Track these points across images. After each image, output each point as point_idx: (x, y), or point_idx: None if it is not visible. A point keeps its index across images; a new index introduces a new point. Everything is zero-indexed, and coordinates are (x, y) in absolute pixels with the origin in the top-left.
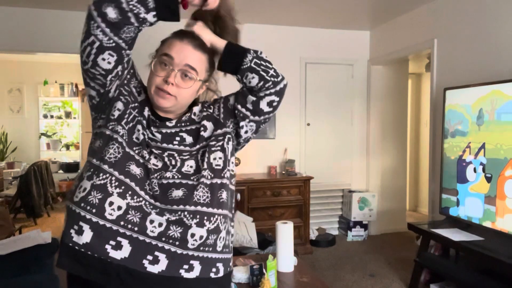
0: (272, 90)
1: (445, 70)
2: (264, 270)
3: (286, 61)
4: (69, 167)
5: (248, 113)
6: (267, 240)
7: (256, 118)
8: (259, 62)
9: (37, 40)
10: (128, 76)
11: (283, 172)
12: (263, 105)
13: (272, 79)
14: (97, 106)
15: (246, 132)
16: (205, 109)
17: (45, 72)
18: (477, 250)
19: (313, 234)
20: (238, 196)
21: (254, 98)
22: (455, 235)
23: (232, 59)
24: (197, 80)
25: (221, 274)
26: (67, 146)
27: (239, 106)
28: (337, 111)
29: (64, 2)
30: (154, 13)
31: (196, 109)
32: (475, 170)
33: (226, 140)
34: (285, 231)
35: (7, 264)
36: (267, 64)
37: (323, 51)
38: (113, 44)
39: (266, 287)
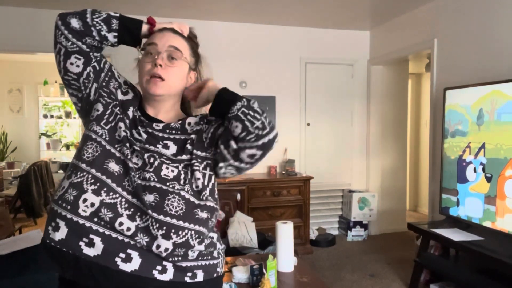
0: (253, 144)
1: (445, 70)
2: (264, 270)
3: (286, 61)
4: None
5: (229, 157)
6: (267, 240)
7: (237, 164)
8: (247, 111)
9: (37, 40)
10: (107, 79)
11: (283, 172)
12: (244, 156)
13: (256, 131)
14: (81, 111)
15: (224, 173)
16: (202, 123)
17: (45, 72)
18: (477, 250)
19: (313, 234)
20: (238, 196)
21: (235, 147)
22: (455, 235)
23: (222, 105)
24: (183, 58)
25: (199, 279)
26: (67, 146)
27: (221, 146)
28: (337, 111)
29: (64, 2)
30: (115, 34)
31: (192, 119)
32: (475, 170)
33: (204, 165)
34: (285, 231)
35: (7, 264)
36: (255, 114)
37: (323, 51)
38: (77, 48)
39: (266, 287)
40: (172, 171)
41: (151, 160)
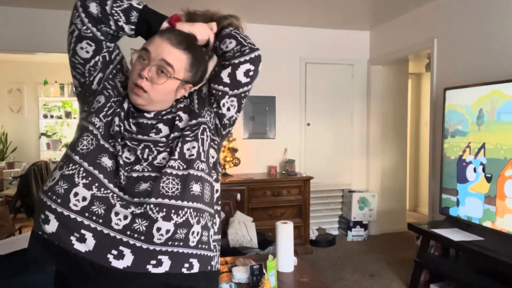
0: (247, 57)
1: (445, 70)
2: (264, 270)
3: (286, 61)
4: None
5: (226, 89)
6: (267, 240)
7: (235, 91)
8: (238, 31)
9: (37, 40)
10: (114, 71)
11: (283, 172)
12: (240, 76)
13: (249, 45)
14: (79, 96)
15: (228, 109)
16: (181, 100)
17: (45, 72)
18: (477, 250)
19: (313, 234)
20: (238, 196)
21: (230, 69)
22: (455, 235)
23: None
24: (172, 77)
25: (195, 270)
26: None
27: (215, 86)
28: (337, 111)
29: (64, 2)
30: (133, 26)
31: (174, 102)
32: (475, 170)
33: (200, 130)
34: (285, 231)
35: (7, 264)
36: (246, 36)
37: (323, 51)
38: (91, 34)
39: (266, 287)
40: (164, 158)
41: (145, 154)
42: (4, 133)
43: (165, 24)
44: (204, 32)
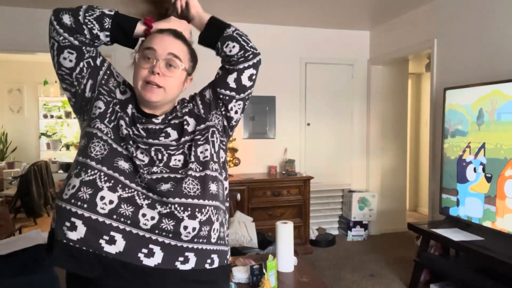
0: (250, 63)
1: (445, 70)
2: (264, 270)
3: (286, 61)
4: (69, 167)
5: (233, 93)
6: (267, 240)
7: (242, 95)
8: (240, 33)
9: (37, 40)
10: (105, 77)
11: (283, 172)
12: (245, 81)
13: (252, 49)
14: (75, 107)
15: (236, 112)
16: (185, 104)
17: (45, 72)
18: (477, 250)
19: (313, 234)
20: (238, 196)
21: (235, 75)
22: (455, 235)
23: (214, 29)
24: (182, 67)
25: (216, 265)
26: (67, 146)
27: (222, 90)
28: (337, 111)
29: (64, 2)
30: (107, 33)
31: (177, 106)
32: (475, 170)
33: (210, 133)
34: (285, 231)
35: (7, 264)
36: (247, 37)
37: (323, 51)
38: (69, 43)
39: (266, 287)
40: (179, 160)
41: (159, 155)
42: (4, 133)
43: (141, 27)
44: (182, 27)
